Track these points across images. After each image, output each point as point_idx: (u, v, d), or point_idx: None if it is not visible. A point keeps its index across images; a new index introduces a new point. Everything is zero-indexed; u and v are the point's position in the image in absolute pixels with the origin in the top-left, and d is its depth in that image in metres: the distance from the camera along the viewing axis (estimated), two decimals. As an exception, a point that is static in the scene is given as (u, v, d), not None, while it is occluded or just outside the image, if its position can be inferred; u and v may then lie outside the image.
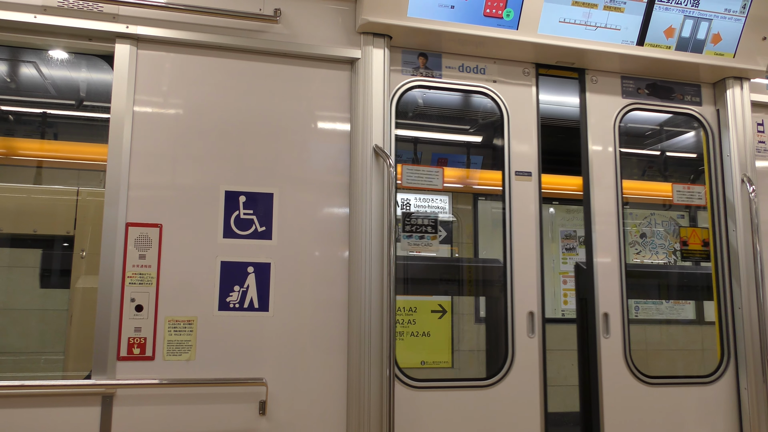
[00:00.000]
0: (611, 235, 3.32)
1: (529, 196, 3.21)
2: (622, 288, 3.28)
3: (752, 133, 3.51)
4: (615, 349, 3.22)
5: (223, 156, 2.85)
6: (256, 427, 2.71)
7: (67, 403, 2.55)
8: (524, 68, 3.31)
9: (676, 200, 3.58)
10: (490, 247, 6.30)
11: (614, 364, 3.20)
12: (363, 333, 2.79)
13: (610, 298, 3.26)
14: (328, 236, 2.92)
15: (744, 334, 3.29)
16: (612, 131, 3.43)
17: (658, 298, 4.46)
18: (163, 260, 2.71)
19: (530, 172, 3.22)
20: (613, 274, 3.28)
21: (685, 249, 3.60)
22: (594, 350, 3.23)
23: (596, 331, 3.24)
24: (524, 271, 3.12)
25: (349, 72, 3.06)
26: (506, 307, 3.09)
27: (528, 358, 3.07)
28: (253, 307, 2.78)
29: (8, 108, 4.80)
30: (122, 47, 2.78)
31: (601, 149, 3.41)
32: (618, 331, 3.23)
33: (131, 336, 2.64)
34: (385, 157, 2.87)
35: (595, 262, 3.30)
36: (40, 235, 3.55)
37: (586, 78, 3.47)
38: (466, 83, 3.23)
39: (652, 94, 3.53)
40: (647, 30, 3.25)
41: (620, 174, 3.39)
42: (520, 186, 3.19)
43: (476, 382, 3.03)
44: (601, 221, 3.34)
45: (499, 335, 3.17)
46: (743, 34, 3.37)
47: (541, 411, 3.05)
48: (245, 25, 2.91)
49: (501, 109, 3.25)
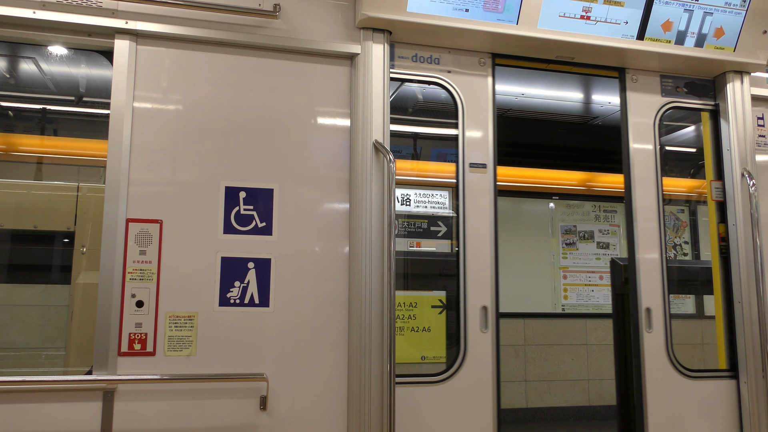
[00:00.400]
0: (652, 232, 3.36)
1: (484, 188, 3.17)
2: (663, 283, 3.31)
3: (752, 127, 3.51)
4: (657, 344, 3.26)
5: (223, 152, 2.85)
6: (257, 422, 2.72)
7: (68, 399, 2.56)
8: (480, 58, 3.26)
9: (714, 197, 3.57)
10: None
11: (657, 358, 3.24)
12: (363, 328, 2.79)
13: (652, 293, 3.29)
14: (329, 232, 2.92)
15: (744, 328, 3.29)
16: (652, 129, 3.47)
17: (699, 293, 4.48)
18: (164, 256, 2.72)
19: (485, 164, 3.18)
20: (654, 269, 3.32)
21: (723, 244, 3.56)
22: (636, 345, 3.26)
23: (639, 326, 3.26)
24: (478, 265, 3.09)
25: (349, 67, 3.06)
26: (458, 302, 3.06)
27: (481, 354, 3.03)
28: (254, 303, 2.79)
29: (8, 104, 4.79)
30: (122, 43, 2.78)
31: (642, 147, 3.44)
32: (660, 326, 3.27)
33: (132, 332, 2.64)
34: (385, 153, 2.87)
35: (637, 258, 3.32)
36: (41, 231, 3.55)
37: (627, 77, 3.50)
38: (419, 74, 3.19)
39: (690, 92, 3.57)
40: (647, 24, 3.24)
41: (660, 171, 3.42)
42: (474, 178, 3.16)
43: (428, 377, 3.00)
44: (642, 218, 3.37)
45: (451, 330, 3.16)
46: (743, 28, 3.36)
47: (494, 407, 3.00)
48: (245, 21, 2.91)
49: (455, 99, 3.20)
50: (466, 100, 3.20)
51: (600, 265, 7.64)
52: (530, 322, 7.28)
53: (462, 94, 3.20)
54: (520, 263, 7.35)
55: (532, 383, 7.21)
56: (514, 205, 7.50)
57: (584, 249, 7.61)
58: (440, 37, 3.12)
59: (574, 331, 7.42)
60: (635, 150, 3.42)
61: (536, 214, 7.54)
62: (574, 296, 7.50)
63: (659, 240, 3.34)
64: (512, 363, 7.18)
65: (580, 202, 7.70)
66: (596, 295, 7.58)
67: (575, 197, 7.66)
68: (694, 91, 3.59)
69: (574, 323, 7.45)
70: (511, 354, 7.19)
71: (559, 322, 7.40)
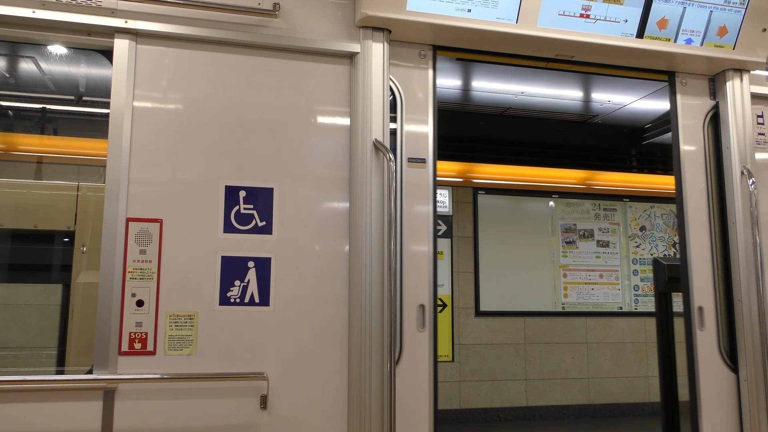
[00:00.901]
0: (704, 232, 3.42)
1: (423, 183, 3.10)
2: (714, 282, 3.37)
3: (752, 125, 3.51)
4: (710, 341, 3.31)
5: (223, 151, 2.85)
6: (258, 421, 2.72)
7: (69, 398, 2.56)
8: (420, 50, 3.21)
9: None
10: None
11: (709, 356, 3.29)
12: (363, 327, 2.79)
13: (704, 292, 3.35)
14: (329, 231, 2.92)
15: (744, 326, 3.30)
16: (702, 132, 3.52)
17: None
18: (164, 255, 2.72)
19: (424, 159, 3.14)
20: (706, 269, 3.38)
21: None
22: (690, 343, 3.32)
23: (692, 325, 3.31)
24: (415, 263, 3.02)
25: (349, 66, 3.06)
26: (394, 300, 2.91)
27: (417, 353, 2.96)
28: (254, 302, 2.79)
29: (7, 103, 4.79)
30: (121, 42, 2.78)
31: (693, 149, 3.49)
32: (712, 324, 3.32)
33: (132, 331, 2.64)
34: (385, 152, 2.87)
35: (689, 258, 3.37)
36: (41, 231, 3.55)
37: (676, 81, 3.55)
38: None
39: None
40: (647, 22, 3.24)
41: (712, 173, 3.49)
42: (412, 173, 3.09)
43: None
44: (693, 219, 3.41)
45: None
46: (743, 26, 3.36)
47: (431, 407, 2.93)
48: (244, 20, 2.91)
49: (394, 92, 3.13)
50: (405, 93, 3.14)
51: (600, 263, 7.65)
52: (530, 320, 7.29)
53: (401, 88, 3.13)
54: (520, 261, 7.36)
55: (532, 381, 7.22)
56: (514, 204, 7.50)
57: (584, 247, 7.62)
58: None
59: (574, 330, 7.43)
60: (686, 152, 3.48)
61: (536, 212, 7.55)
62: (574, 295, 7.50)
63: (710, 240, 3.42)
64: (512, 361, 7.19)
65: (580, 201, 7.70)
66: (596, 294, 7.59)
67: (575, 196, 7.67)
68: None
69: (574, 322, 7.46)
70: (511, 352, 7.20)
71: (559, 321, 7.42)
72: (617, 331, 7.55)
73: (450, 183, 7.09)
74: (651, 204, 7.92)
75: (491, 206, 7.41)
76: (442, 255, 7.08)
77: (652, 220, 7.94)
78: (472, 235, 7.27)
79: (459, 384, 6.96)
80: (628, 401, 7.46)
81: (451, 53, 3.30)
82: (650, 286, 7.79)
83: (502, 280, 7.30)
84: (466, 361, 7.04)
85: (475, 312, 7.15)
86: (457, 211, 7.22)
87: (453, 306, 7.07)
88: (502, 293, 7.28)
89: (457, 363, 7.00)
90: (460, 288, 7.10)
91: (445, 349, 7.00)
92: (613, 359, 7.49)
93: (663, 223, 7.98)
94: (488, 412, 7.01)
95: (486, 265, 7.24)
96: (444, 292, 7.04)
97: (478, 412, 6.98)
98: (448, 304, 7.05)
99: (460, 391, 6.95)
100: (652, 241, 7.92)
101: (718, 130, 3.55)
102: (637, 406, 7.47)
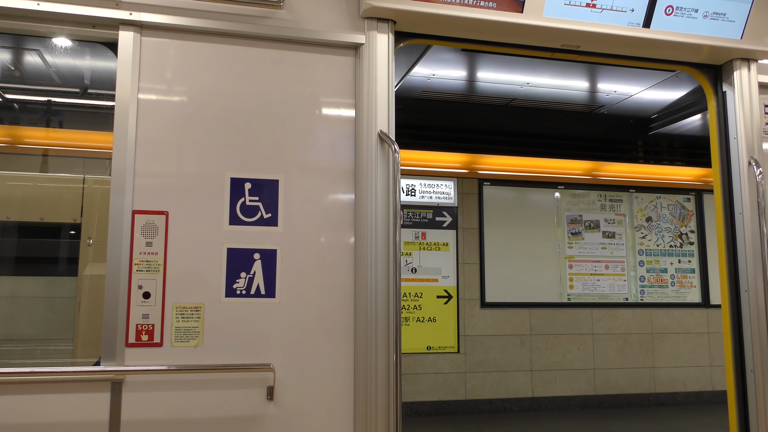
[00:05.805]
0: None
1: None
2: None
3: (759, 114, 3.49)
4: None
5: (228, 143, 2.85)
6: (264, 412, 2.73)
7: (77, 390, 2.58)
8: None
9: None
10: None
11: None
12: (369, 318, 2.80)
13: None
14: (334, 222, 2.92)
15: (750, 317, 3.29)
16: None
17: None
18: (170, 247, 2.72)
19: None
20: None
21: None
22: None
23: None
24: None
25: (354, 57, 3.05)
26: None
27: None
28: (260, 294, 2.80)
29: (13, 96, 4.80)
30: (126, 34, 2.78)
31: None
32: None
33: (139, 323, 2.66)
34: (390, 143, 2.87)
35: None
36: (47, 223, 3.57)
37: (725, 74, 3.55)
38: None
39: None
40: (653, 12, 3.22)
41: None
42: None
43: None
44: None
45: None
46: (750, 15, 3.33)
47: (394, 405, 2.81)
48: (249, 11, 2.90)
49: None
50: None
51: (606, 254, 7.64)
52: (536, 311, 7.30)
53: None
54: (526, 253, 7.36)
55: (537, 372, 7.23)
56: (520, 195, 7.49)
57: (590, 238, 7.61)
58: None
59: (580, 321, 7.43)
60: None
61: (542, 203, 7.54)
62: (579, 286, 7.50)
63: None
64: (518, 352, 7.20)
65: (585, 192, 7.68)
66: (602, 285, 7.58)
67: (581, 186, 7.65)
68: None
69: (579, 313, 7.46)
70: (516, 344, 7.20)
71: (565, 312, 7.42)
72: (623, 322, 7.54)
73: (455, 174, 7.08)
74: (657, 195, 7.90)
75: (497, 197, 7.40)
76: (447, 246, 7.07)
77: (659, 211, 7.92)
78: (478, 226, 7.26)
79: (464, 375, 6.97)
80: (633, 392, 7.47)
81: (458, 44, 3.29)
82: (656, 277, 7.77)
83: (508, 272, 7.29)
84: (471, 353, 7.06)
85: (480, 303, 7.15)
86: (463, 202, 7.21)
87: (458, 297, 7.07)
88: (507, 284, 7.28)
89: (462, 354, 7.02)
90: (465, 279, 7.10)
91: (451, 340, 7.02)
92: (619, 350, 7.49)
93: (669, 214, 7.96)
94: (494, 403, 7.03)
95: (491, 256, 7.24)
96: (449, 284, 7.04)
97: (483, 403, 6.99)
98: (453, 296, 7.06)
99: (465, 382, 6.96)
100: (659, 232, 7.89)
101: (726, 119, 3.53)
102: (643, 397, 7.47)
